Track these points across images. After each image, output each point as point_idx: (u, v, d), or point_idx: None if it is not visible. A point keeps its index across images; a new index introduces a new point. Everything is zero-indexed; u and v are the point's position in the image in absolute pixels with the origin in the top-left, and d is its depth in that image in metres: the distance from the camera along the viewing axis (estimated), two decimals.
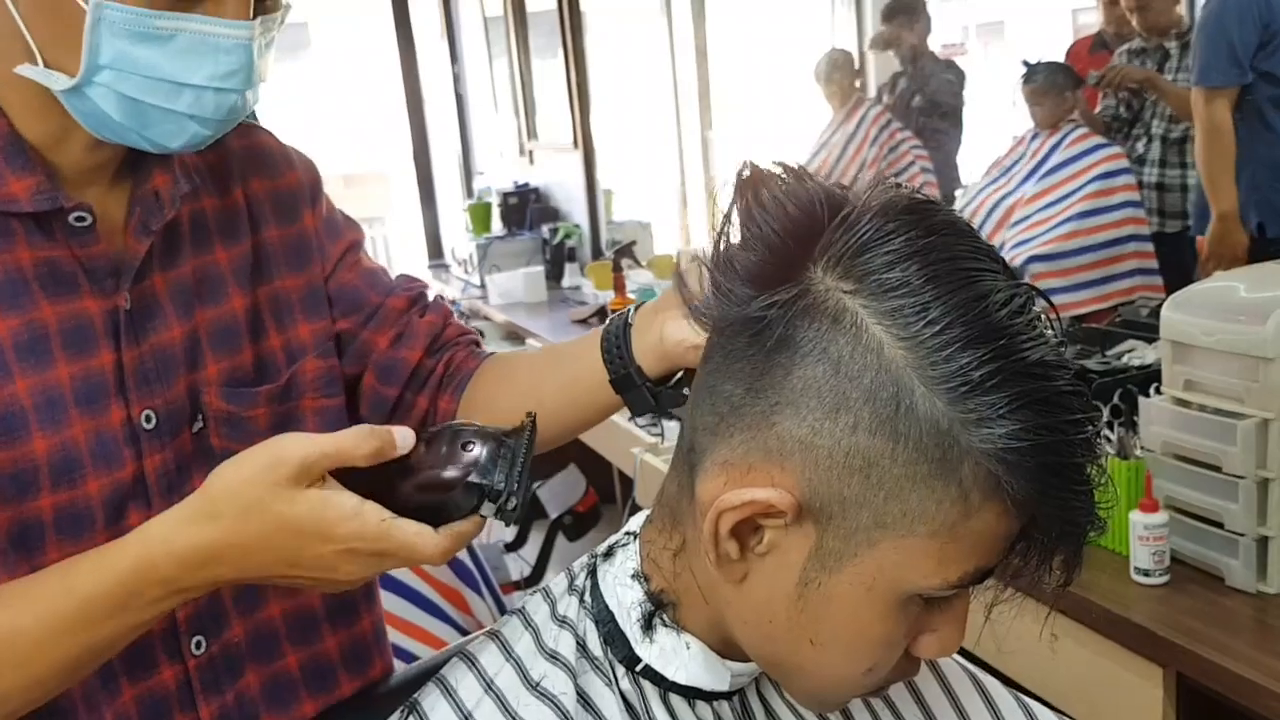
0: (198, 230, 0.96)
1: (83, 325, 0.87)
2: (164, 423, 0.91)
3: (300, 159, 1.07)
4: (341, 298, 1.05)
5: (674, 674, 0.76)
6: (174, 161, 0.93)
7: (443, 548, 0.76)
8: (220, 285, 0.97)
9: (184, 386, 0.93)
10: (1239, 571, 1.70)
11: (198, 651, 0.94)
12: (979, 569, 0.67)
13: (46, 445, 0.84)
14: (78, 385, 0.86)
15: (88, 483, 0.86)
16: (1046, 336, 0.63)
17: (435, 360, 1.08)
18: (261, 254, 1.00)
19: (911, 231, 0.64)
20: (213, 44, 0.80)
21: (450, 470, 0.76)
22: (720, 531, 0.68)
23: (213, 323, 0.95)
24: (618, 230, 4.93)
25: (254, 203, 1.01)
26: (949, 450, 0.62)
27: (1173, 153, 3.93)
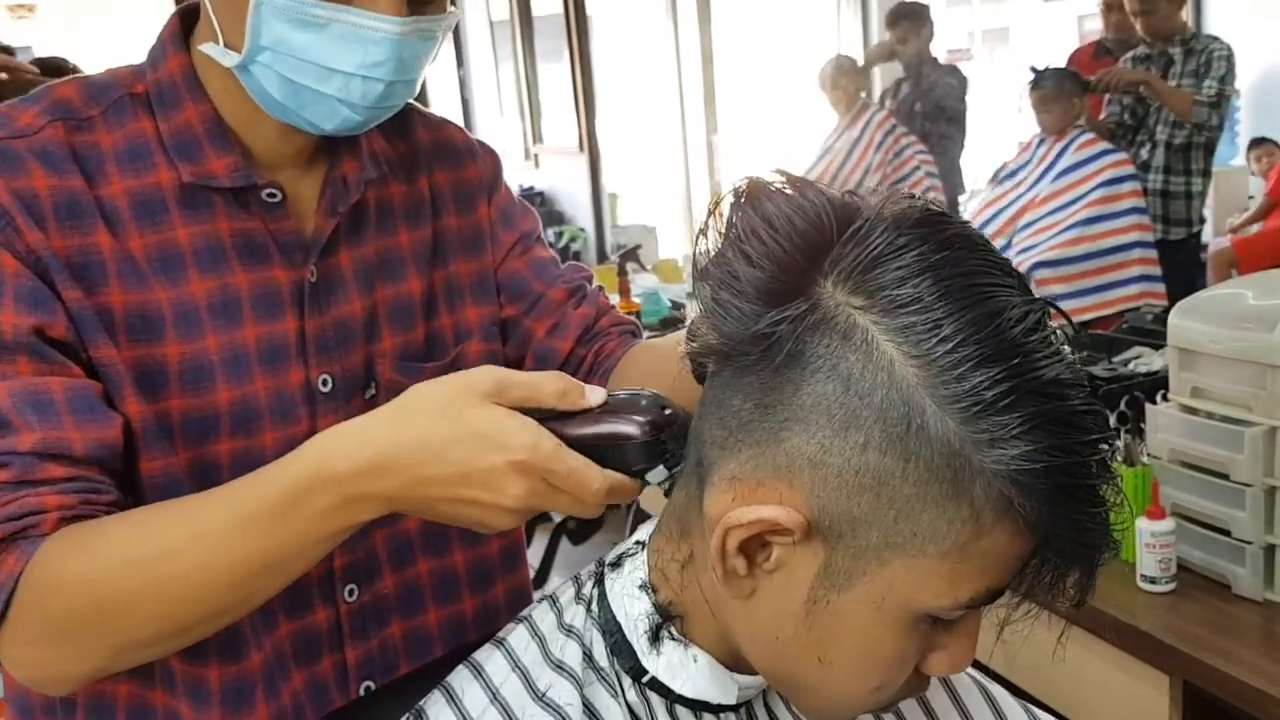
0: (383, 214, 1.03)
1: (271, 293, 0.95)
2: (340, 387, 0.98)
3: (484, 151, 1.14)
4: (509, 285, 1.11)
5: (680, 687, 0.76)
6: (362, 150, 1.00)
7: (606, 486, 0.76)
8: (400, 266, 1.03)
9: (361, 356, 1.00)
10: (1246, 579, 1.70)
11: (350, 599, 1.00)
12: (990, 589, 0.66)
13: (229, 396, 0.92)
14: (263, 346, 0.94)
15: (264, 434, 0.94)
16: (1062, 354, 0.62)
17: (586, 350, 1.12)
18: (440, 240, 1.07)
19: (924, 246, 0.63)
20: (363, 35, 0.87)
21: (632, 426, 0.77)
22: (728, 548, 0.67)
23: (391, 300, 1.02)
24: (622, 234, 4.94)
25: (437, 192, 1.08)
26: (960, 470, 0.61)
27: (1177, 159, 3.92)
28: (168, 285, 0.91)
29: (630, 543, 0.81)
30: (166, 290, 0.91)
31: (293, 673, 0.97)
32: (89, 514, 0.82)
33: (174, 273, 0.91)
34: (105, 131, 0.92)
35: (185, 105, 0.94)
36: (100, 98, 0.93)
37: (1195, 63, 3.85)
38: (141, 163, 0.92)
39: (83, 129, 0.91)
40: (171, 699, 0.93)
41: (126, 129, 0.93)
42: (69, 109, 0.91)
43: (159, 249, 0.91)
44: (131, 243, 0.90)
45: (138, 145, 0.92)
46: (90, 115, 0.92)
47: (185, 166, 0.92)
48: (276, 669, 0.96)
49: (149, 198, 0.91)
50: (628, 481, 0.78)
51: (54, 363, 0.85)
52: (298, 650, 0.98)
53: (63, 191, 0.88)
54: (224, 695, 0.93)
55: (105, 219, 0.89)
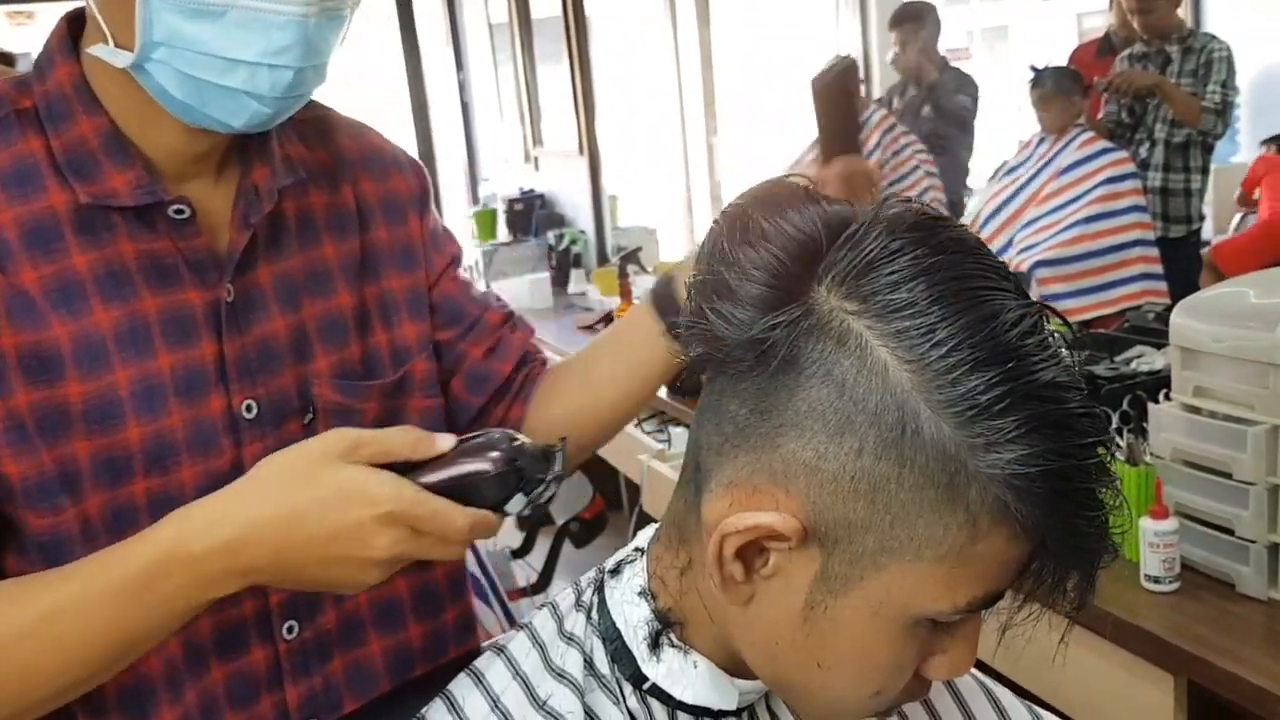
0: (305, 225, 0.98)
1: (184, 316, 0.90)
2: (266, 413, 0.93)
3: (410, 165, 1.10)
4: (444, 308, 1.08)
5: (681, 694, 0.75)
6: (274, 156, 0.95)
7: (469, 523, 0.78)
8: (328, 280, 0.99)
9: (292, 378, 0.95)
10: (1250, 578, 1.70)
11: (289, 636, 0.96)
12: (988, 593, 0.65)
13: (141, 433, 0.87)
14: (178, 375, 0.89)
15: (182, 470, 0.89)
16: (1059, 356, 0.62)
17: (519, 374, 1.12)
18: (370, 253, 1.03)
19: (918, 249, 0.62)
20: (265, 19, 0.81)
21: (485, 463, 0.80)
22: (724, 554, 0.67)
23: (321, 316, 0.98)
24: (623, 236, 4.93)
25: (363, 203, 1.03)
26: (956, 475, 0.61)
27: (1176, 157, 3.92)
28: (68, 318, 0.85)
29: (629, 549, 0.81)
30: (66, 324, 0.85)
31: (226, 717, 0.94)
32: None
33: (74, 304, 0.85)
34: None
35: (78, 118, 0.87)
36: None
37: (1194, 62, 3.85)
38: (30, 186, 0.85)
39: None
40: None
41: (13, 150, 0.86)
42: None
43: (56, 280, 0.85)
44: (23, 276, 0.84)
45: (25, 167, 0.86)
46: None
47: (81, 186, 0.86)
48: (199, 717, 0.92)
49: (41, 224, 0.85)
50: (490, 515, 0.80)
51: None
52: (233, 693, 0.94)
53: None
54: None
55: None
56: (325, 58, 0.87)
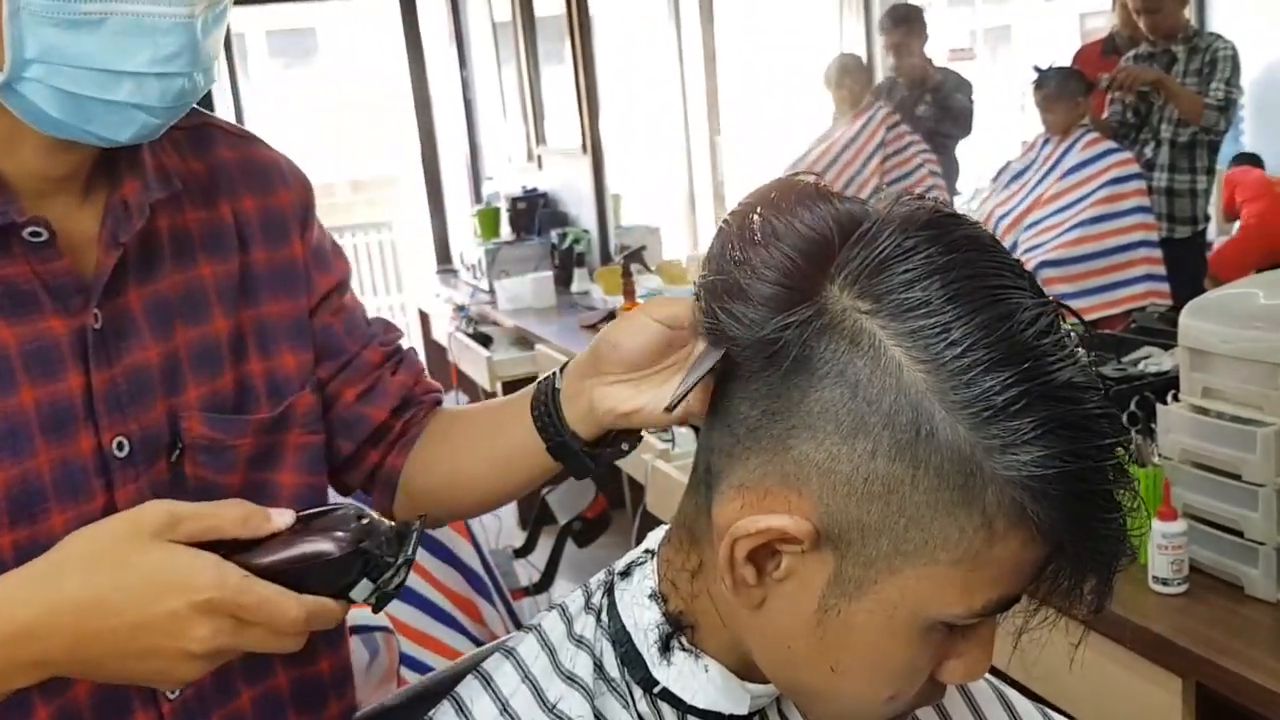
0: (179, 244, 0.91)
1: (46, 347, 0.82)
2: (139, 450, 0.86)
3: (295, 176, 1.02)
4: (322, 340, 1.00)
5: (692, 698, 0.75)
6: (145, 166, 0.87)
7: (304, 612, 0.70)
8: (203, 304, 0.92)
9: (162, 411, 0.88)
10: (1259, 580, 1.69)
11: (173, 696, 0.89)
12: (1004, 597, 0.65)
13: (4, 477, 0.79)
14: (43, 411, 0.81)
15: (51, 518, 0.82)
16: (1076, 356, 0.61)
17: (398, 420, 1.04)
18: (248, 275, 0.95)
19: (932, 248, 0.61)
20: (149, 25, 0.74)
21: (329, 544, 0.72)
22: (736, 558, 0.66)
23: (194, 343, 0.90)
24: (626, 235, 4.92)
25: (242, 220, 0.96)
26: (971, 477, 0.60)
27: (1182, 157, 3.91)
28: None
29: (639, 551, 0.81)
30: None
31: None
32: None
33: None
34: None
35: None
36: None
37: (1199, 61, 3.84)
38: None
39: None
40: None
41: None
42: None
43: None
44: None
45: None
46: None
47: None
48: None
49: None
50: (330, 604, 0.72)
51: None
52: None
53: None
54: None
55: None
56: (214, 61, 0.80)
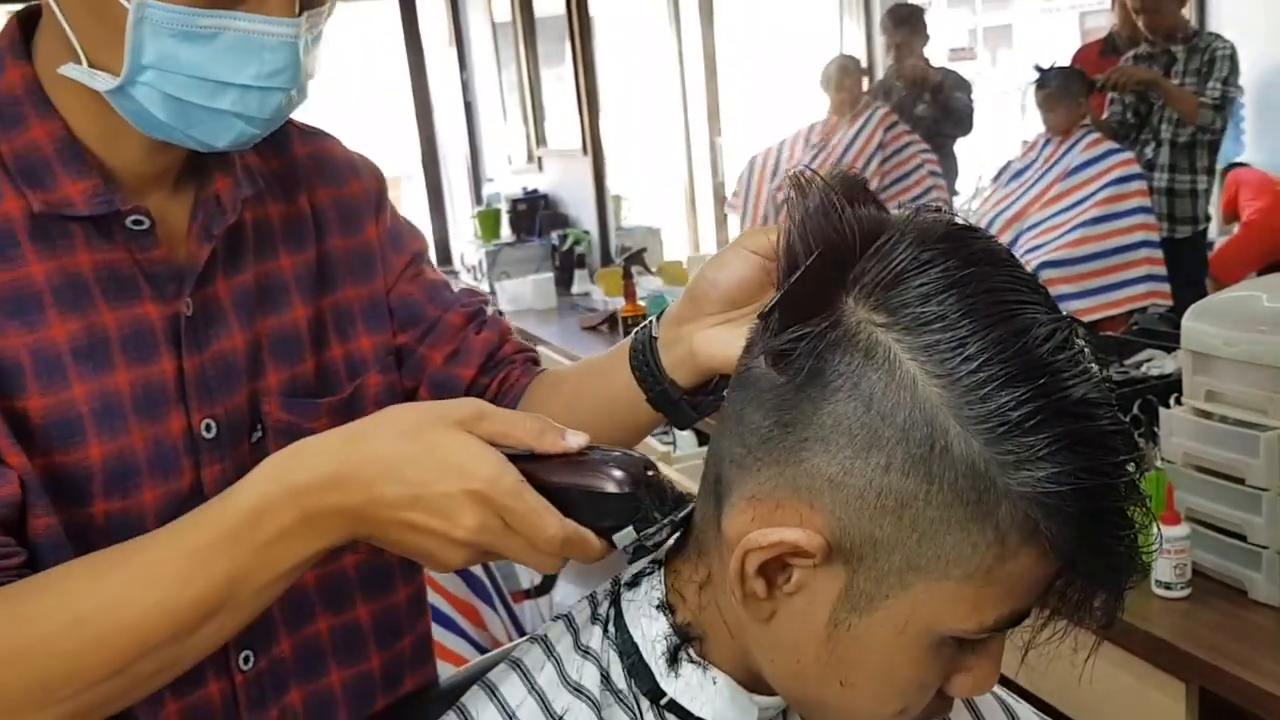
0: (261, 236, 0.95)
1: (143, 331, 0.86)
2: (225, 432, 0.90)
3: (366, 166, 1.06)
4: (401, 310, 1.04)
5: (700, 709, 0.74)
6: (235, 166, 0.92)
7: (562, 535, 0.71)
8: (283, 293, 0.96)
9: (245, 395, 0.92)
10: (1262, 585, 1.69)
11: (246, 667, 0.92)
12: (1015, 612, 0.64)
13: (102, 452, 0.84)
14: (138, 392, 0.86)
15: (143, 492, 0.86)
16: (1090, 372, 0.60)
17: (489, 378, 1.06)
18: (326, 263, 0.99)
19: (948, 261, 0.61)
20: (257, 42, 0.79)
21: (609, 481, 0.72)
22: (747, 571, 0.66)
23: (275, 331, 0.94)
24: (627, 236, 4.93)
25: (319, 211, 1.00)
26: (985, 493, 0.60)
27: (1182, 157, 3.91)
28: (24, 329, 0.81)
29: (646, 561, 0.80)
30: (23, 335, 0.81)
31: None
32: (2, 581, 0.76)
33: (30, 315, 0.82)
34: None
35: (30, 123, 0.83)
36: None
37: (1198, 61, 3.84)
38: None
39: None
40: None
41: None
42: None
43: (12, 288, 0.82)
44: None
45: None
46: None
47: (35, 194, 0.82)
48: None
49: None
50: (591, 537, 0.72)
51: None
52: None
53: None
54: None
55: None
56: (312, 76, 0.85)
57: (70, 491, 0.83)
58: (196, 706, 0.90)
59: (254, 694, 0.93)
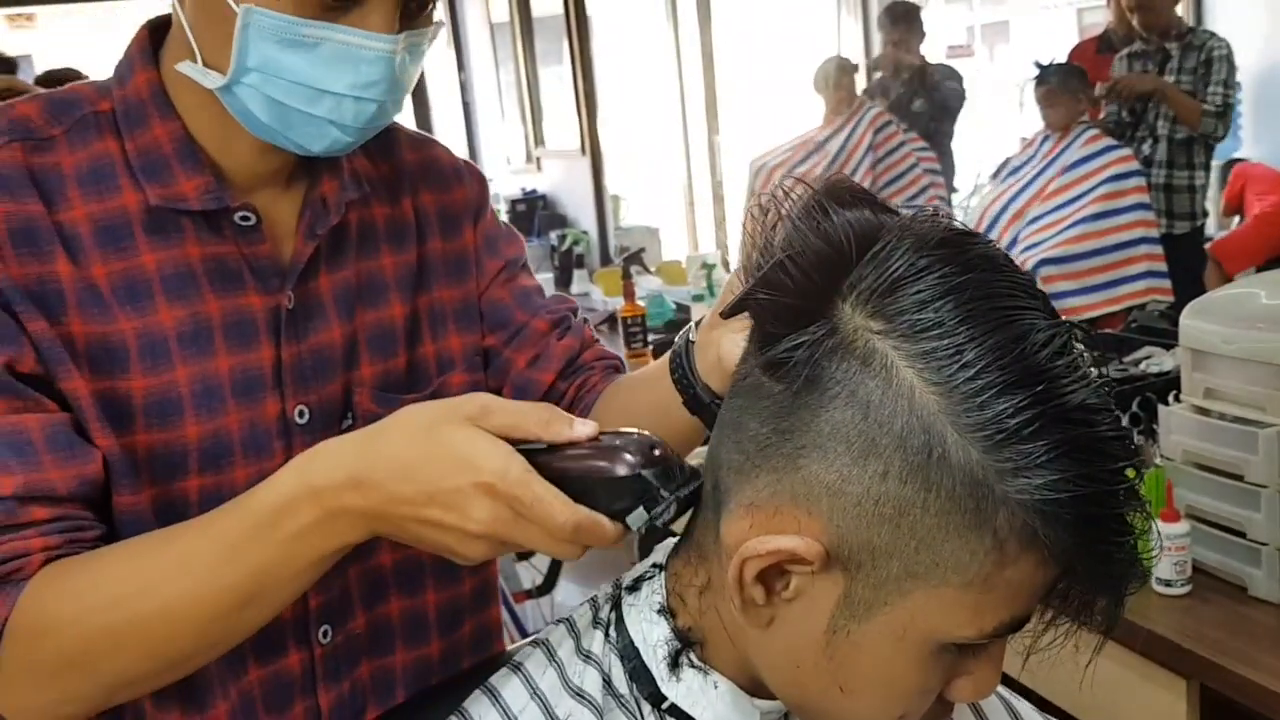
0: (365, 236, 1.00)
1: (245, 320, 0.91)
2: (317, 419, 0.94)
3: (471, 173, 1.10)
4: (491, 314, 1.08)
5: (700, 714, 0.75)
6: (343, 169, 0.97)
7: (574, 520, 0.71)
8: (383, 291, 1.00)
9: (340, 385, 0.96)
10: (1262, 581, 1.69)
11: (324, 640, 0.97)
12: (1015, 618, 0.64)
13: (199, 430, 0.89)
14: (236, 377, 0.91)
15: (235, 470, 0.90)
16: (1089, 377, 0.60)
17: (568, 383, 1.10)
18: (425, 264, 1.04)
19: (946, 268, 0.61)
20: (355, 55, 0.83)
21: (618, 465, 0.72)
22: (745, 578, 0.66)
23: (372, 326, 0.99)
24: (626, 236, 4.93)
25: (422, 215, 1.05)
26: (983, 500, 0.60)
27: (1180, 153, 3.92)
28: (133, 314, 0.87)
29: (647, 565, 0.80)
30: (132, 320, 0.87)
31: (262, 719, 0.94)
32: (74, 552, 0.81)
33: (140, 301, 0.87)
34: (67, 152, 0.88)
35: (153, 124, 0.90)
36: (63, 116, 0.89)
37: (1194, 59, 3.85)
38: (105, 185, 0.88)
39: (42, 149, 0.87)
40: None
41: (90, 149, 0.89)
42: (28, 129, 0.88)
43: (124, 276, 0.87)
44: (94, 270, 0.86)
45: (102, 166, 0.88)
46: (51, 135, 0.88)
47: (153, 188, 0.88)
48: (243, 716, 0.93)
49: (113, 222, 0.88)
50: (603, 521, 0.72)
51: (27, 399, 0.82)
52: (268, 697, 0.94)
53: (19, 218, 0.84)
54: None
55: (65, 245, 0.85)
56: (406, 92, 0.89)
57: (167, 467, 0.88)
58: (278, 674, 0.95)
59: (330, 666, 0.97)
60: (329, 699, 0.97)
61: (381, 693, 1.01)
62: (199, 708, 0.91)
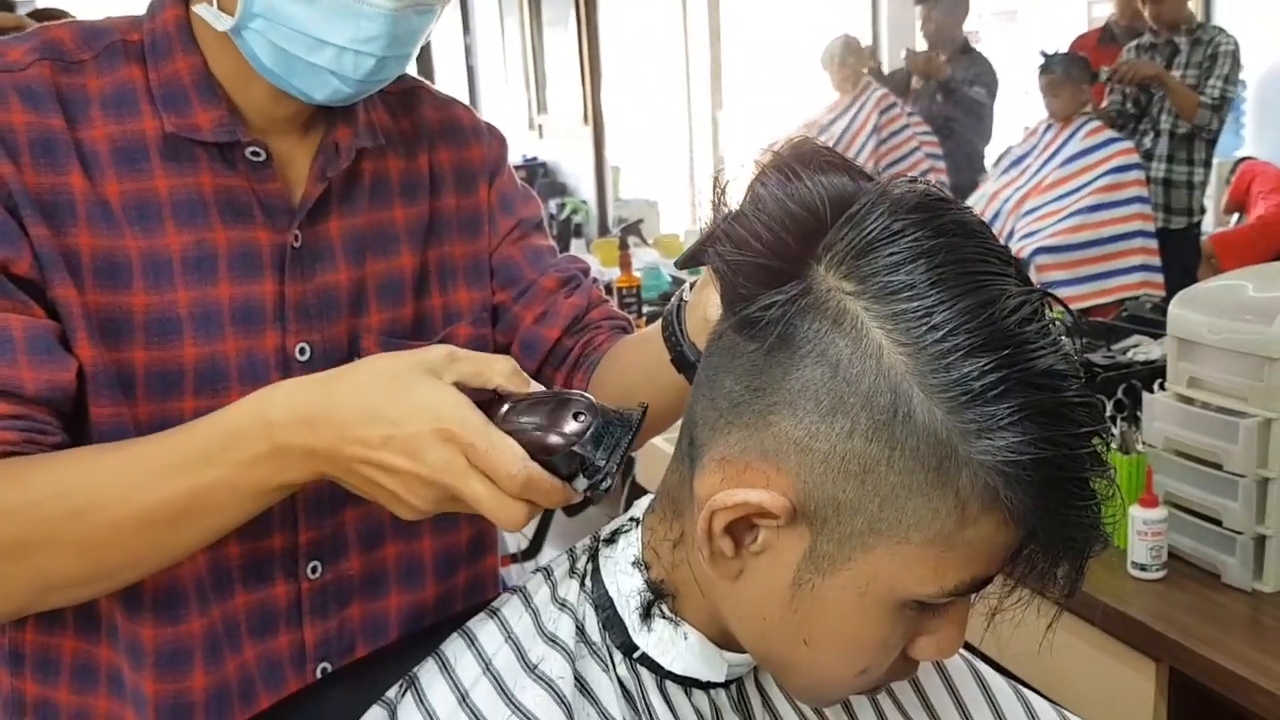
0: (379, 186, 1.03)
1: (250, 253, 0.94)
2: (319, 358, 0.97)
3: (491, 133, 1.13)
4: (501, 270, 1.11)
5: (670, 664, 0.76)
6: (358, 119, 1.00)
7: (526, 473, 0.73)
8: (393, 240, 1.03)
9: (345, 328, 0.99)
10: (1235, 569, 1.71)
11: (313, 576, 0.99)
12: (976, 578, 0.66)
13: (196, 353, 0.92)
14: (236, 306, 0.93)
15: (231, 395, 0.91)
16: (1059, 344, 0.61)
17: (574, 340, 1.12)
18: (437, 219, 1.06)
19: (919, 231, 0.62)
20: (355, 10, 0.86)
21: (554, 436, 0.75)
22: (714, 530, 0.67)
23: (381, 275, 1.01)
24: (625, 208, 4.93)
25: (437, 171, 1.07)
26: (947, 460, 0.61)
27: (1180, 148, 3.92)
28: (140, 234, 0.90)
29: (625, 519, 0.82)
30: (138, 239, 0.90)
31: (244, 645, 0.96)
32: (29, 452, 0.82)
33: (149, 222, 0.91)
34: (94, 76, 0.91)
35: (176, 56, 0.93)
36: (93, 42, 0.93)
37: (1201, 54, 3.85)
38: (127, 109, 0.91)
39: (70, 71, 0.91)
40: (114, 654, 0.93)
41: (116, 75, 0.92)
42: (59, 50, 0.91)
43: (136, 196, 0.90)
44: (108, 187, 0.90)
45: (125, 92, 0.92)
46: (81, 59, 0.91)
47: (169, 116, 0.92)
48: (224, 638, 0.95)
49: (131, 144, 0.91)
50: (551, 479, 0.75)
51: (15, 300, 0.85)
52: (252, 623, 0.97)
53: (40, 129, 0.88)
54: (158, 657, 0.92)
55: (82, 161, 0.89)
56: (410, 49, 0.92)
57: (163, 384, 0.91)
58: (264, 602, 0.97)
59: (317, 602, 0.99)
60: (314, 634, 0.99)
61: (372, 634, 1.03)
62: (171, 620, 0.92)
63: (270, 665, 0.97)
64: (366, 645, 1.02)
